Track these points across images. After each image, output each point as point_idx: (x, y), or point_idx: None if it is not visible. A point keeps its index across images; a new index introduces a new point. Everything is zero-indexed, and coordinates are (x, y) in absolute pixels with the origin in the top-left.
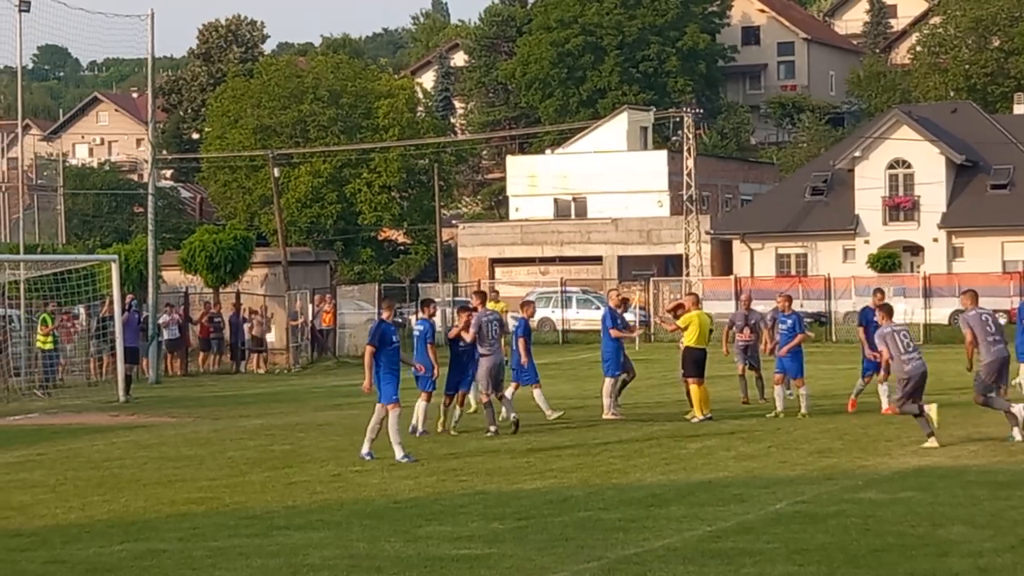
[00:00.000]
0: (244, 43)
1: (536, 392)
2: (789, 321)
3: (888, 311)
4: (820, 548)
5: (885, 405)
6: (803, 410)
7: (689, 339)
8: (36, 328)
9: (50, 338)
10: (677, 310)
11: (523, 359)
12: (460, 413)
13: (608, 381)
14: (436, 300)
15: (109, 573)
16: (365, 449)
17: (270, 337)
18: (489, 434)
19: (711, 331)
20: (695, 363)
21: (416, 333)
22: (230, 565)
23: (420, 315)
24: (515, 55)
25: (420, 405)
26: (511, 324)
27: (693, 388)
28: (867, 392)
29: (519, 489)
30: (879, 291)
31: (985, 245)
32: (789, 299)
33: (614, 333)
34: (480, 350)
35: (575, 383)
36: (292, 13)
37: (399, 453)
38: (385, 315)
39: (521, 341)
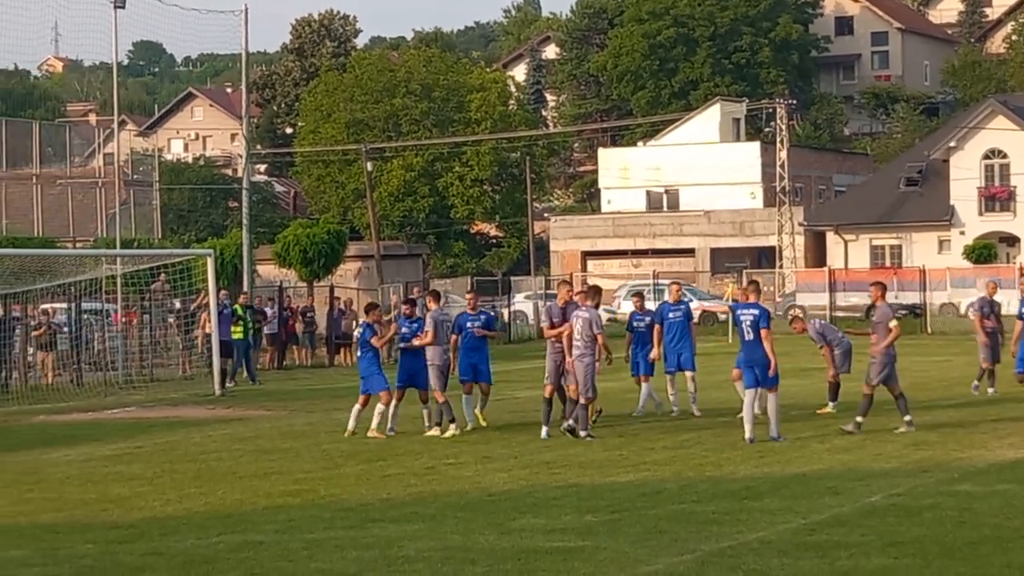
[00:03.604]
0: (337, 38)
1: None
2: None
3: None
4: (915, 541)
5: None
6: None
7: None
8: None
9: (240, 327)
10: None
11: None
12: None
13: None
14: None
15: (206, 565)
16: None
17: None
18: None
19: None
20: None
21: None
22: (326, 557)
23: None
24: (607, 47)
25: (378, 407)
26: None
27: None
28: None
29: (612, 482)
30: None
31: None
32: (755, 285)
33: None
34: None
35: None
36: (384, 7)
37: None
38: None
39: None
